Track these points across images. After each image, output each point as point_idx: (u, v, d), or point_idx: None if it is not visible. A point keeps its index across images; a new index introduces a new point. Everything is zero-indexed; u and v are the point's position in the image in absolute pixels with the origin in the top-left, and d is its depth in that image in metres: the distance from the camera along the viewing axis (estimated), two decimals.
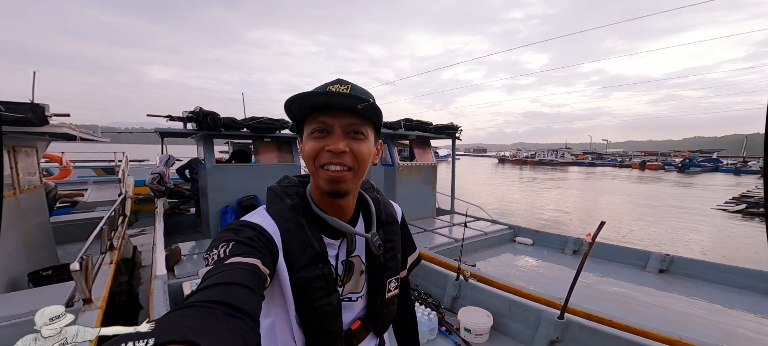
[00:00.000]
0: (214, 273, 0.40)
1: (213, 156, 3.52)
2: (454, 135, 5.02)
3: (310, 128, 0.54)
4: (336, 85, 0.52)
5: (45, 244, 2.97)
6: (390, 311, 0.66)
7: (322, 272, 0.55)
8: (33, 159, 3.02)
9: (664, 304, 2.53)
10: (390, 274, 0.64)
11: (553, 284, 2.85)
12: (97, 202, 5.22)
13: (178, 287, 2.16)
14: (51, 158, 8.18)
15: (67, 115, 2.26)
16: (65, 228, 3.77)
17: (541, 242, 3.99)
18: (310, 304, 0.54)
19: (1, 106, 1.80)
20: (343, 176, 0.53)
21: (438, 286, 2.49)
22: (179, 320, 0.31)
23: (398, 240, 0.69)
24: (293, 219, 0.56)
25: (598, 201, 12.62)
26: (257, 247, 0.47)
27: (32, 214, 2.78)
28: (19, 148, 2.62)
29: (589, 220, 9.15)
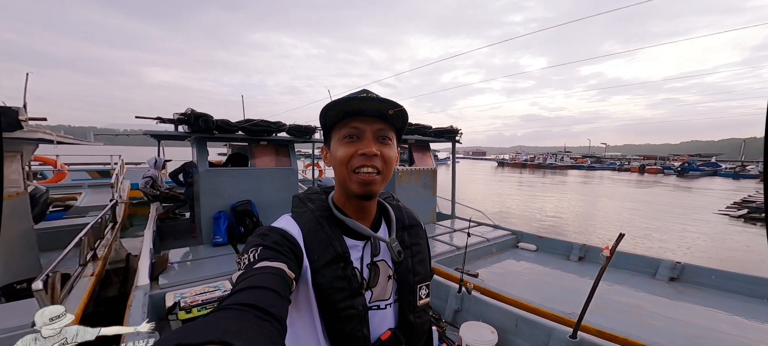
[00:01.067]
0: (245, 277, 0.43)
1: (206, 159, 3.39)
2: (455, 138, 4.93)
3: (341, 133, 0.56)
4: (363, 93, 0.56)
5: (27, 253, 2.81)
6: (424, 321, 0.63)
7: (344, 273, 0.55)
8: (17, 164, 2.89)
9: (677, 315, 2.41)
10: (420, 279, 0.63)
11: (561, 295, 2.72)
12: (90, 206, 5.06)
13: (160, 298, 2.01)
14: (45, 161, 8.06)
15: (44, 119, 2.14)
16: (54, 235, 3.61)
17: (545, 248, 3.87)
18: (332, 306, 0.54)
19: None
20: (374, 178, 0.55)
21: (439, 298, 2.35)
22: (217, 322, 0.33)
23: (424, 244, 0.68)
24: (314, 220, 0.58)
25: (599, 205, 12.52)
26: (283, 251, 0.50)
27: (13, 221, 2.64)
28: None
29: (591, 225, 9.05)
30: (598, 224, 9.22)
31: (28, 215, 3.00)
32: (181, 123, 3.15)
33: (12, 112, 1.84)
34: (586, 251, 3.60)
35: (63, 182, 7.52)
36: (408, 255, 0.63)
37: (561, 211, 11.10)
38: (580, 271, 3.30)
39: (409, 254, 0.63)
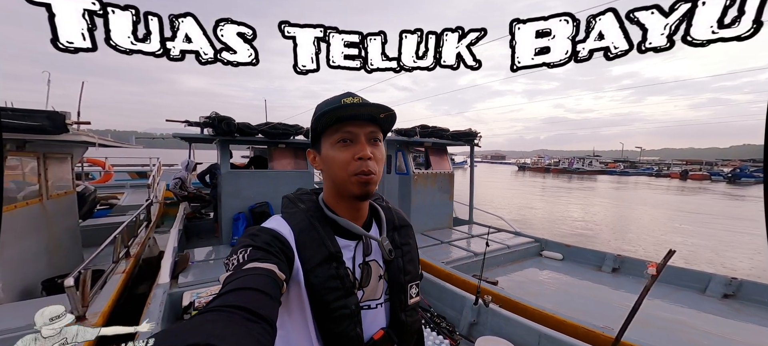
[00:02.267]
0: (234, 279, 0.42)
1: (228, 161, 3.54)
2: (473, 141, 4.76)
3: (333, 138, 0.57)
4: (349, 97, 0.57)
5: (71, 248, 3.07)
6: (415, 320, 0.64)
7: (337, 273, 0.55)
8: (67, 165, 3.17)
9: (732, 335, 2.12)
10: (410, 278, 0.64)
11: (591, 307, 2.50)
12: (131, 205, 5.47)
13: (178, 297, 2.09)
14: (95, 163, 8.85)
15: (88, 123, 2.33)
16: (99, 231, 3.89)
17: (573, 257, 3.60)
18: (325, 306, 0.53)
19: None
20: (371, 179, 0.56)
21: (453, 309, 2.23)
22: (202, 324, 0.32)
23: (414, 244, 0.69)
24: (306, 220, 0.58)
25: (633, 213, 11.54)
26: (273, 252, 0.49)
27: (59, 218, 2.88)
28: (51, 155, 2.74)
29: (623, 233, 8.34)
30: (634, 233, 8.47)
31: (75, 213, 3.28)
32: (206, 126, 3.32)
33: (60, 116, 2.02)
34: (622, 263, 3.30)
35: (109, 182, 8.23)
36: (398, 255, 0.63)
37: (589, 218, 10.35)
38: (614, 283, 3.03)
39: (399, 253, 0.64)
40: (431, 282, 2.45)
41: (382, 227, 0.64)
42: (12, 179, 2.28)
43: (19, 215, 2.24)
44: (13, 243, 2.15)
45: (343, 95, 0.58)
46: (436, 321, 2.09)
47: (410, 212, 4.17)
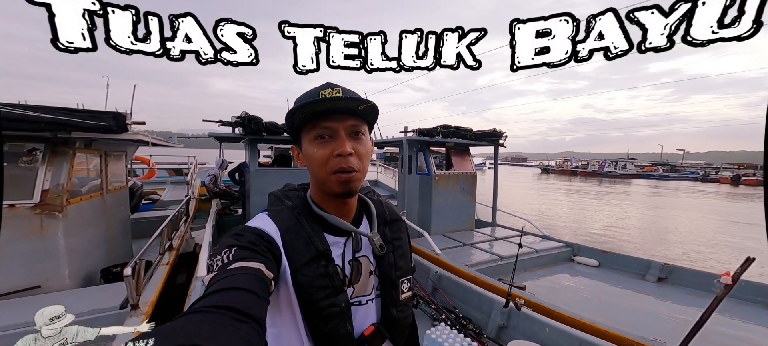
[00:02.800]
0: (219, 279, 0.41)
1: (256, 159, 3.74)
2: (498, 142, 4.64)
3: (312, 134, 0.55)
4: (327, 89, 0.54)
5: (123, 239, 3.36)
6: (406, 315, 0.63)
7: (327, 271, 0.54)
8: (122, 162, 3.50)
9: None
10: (401, 273, 0.62)
11: (634, 318, 2.31)
12: (171, 200, 5.91)
13: None
14: (141, 160, 9.66)
15: (143, 123, 2.57)
16: (143, 224, 4.24)
17: (611, 264, 3.37)
18: (314, 305, 0.52)
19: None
20: (353, 176, 0.54)
21: (480, 311, 2.20)
22: (186, 325, 0.31)
23: (405, 238, 0.67)
24: (293, 219, 0.56)
25: (672, 221, 10.57)
26: (259, 251, 0.47)
27: (115, 211, 3.19)
28: (110, 152, 3.05)
29: (660, 241, 7.68)
30: (678, 243, 7.78)
31: (127, 206, 3.60)
32: (237, 125, 3.53)
33: (122, 116, 2.24)
34: (670, 272, 3.03)
35: (153, 178, 8.96)
36: (390, 250, 0.62)
37: (620, 224, 9.64)
38: (660, 294, 2.80)
39: (390, 248, 0.62)
40: (456, 283, 2.43)
41: (372, 222, 0.62)
42: (79, 175, 2.54)
43: (84, 206, 2.49)
44: (79, 233, 2.38)
45: (322, 87, 0.55)
46: (462, 323, 2.06)
47: (431, 213, 4.15)
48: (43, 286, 2.06)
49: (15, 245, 1.95)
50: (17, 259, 1.97)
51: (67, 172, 2.19)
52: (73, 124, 1.97)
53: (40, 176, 2.07)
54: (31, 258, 2.02)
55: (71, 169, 2.24)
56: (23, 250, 1.99)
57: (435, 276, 2.58)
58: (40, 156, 2.11)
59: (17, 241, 1.96)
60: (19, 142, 2.08)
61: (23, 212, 1.98)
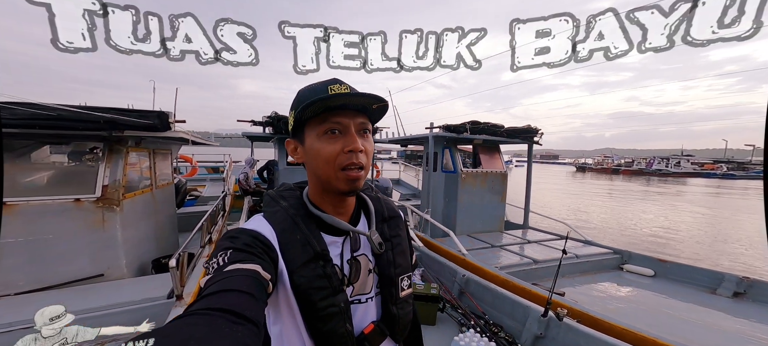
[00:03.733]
0: (215, 281, 0.40)
1: (285, 157, 3.87)
2: (532, 139, 4.34)
3: (321, 128, 0.53)
4: (336, 85, 0.53)
5: (171, 233, 3.65)
6: (406, 312, 0.62)
7: (325, 271, 0.53)
8: (168, 160, 3.82)
9: None
10: (401, 271, 0.62)
11: (705, 337, 2.01)
12: (211, 196, 6.28)
13: None
14: (185, 159, 10.57)
15: (183, 122, 2.76)
16: (187, 218, 4.54)
17: (671, 274, 2.98)
18: (312, 306, 0.52)
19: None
20: (360, 174, 0.54)
21: (513, 318, 2.05)
22: (182, 327, 0.31)
23: (404, 235, 0.67)
24: (289, 219, 0.56)
25: (739, 227, 9.15)
26: (256, 253, 0.47)
27: (163, 206, 3.46)
28: (158, 151, 3.33)
29: (723, 249, 6.67)
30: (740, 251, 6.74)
31: (173, 201, 3.90)
32: (268, 125, 3.68)
33: (165, 115, 2.43)
34: (749, 287, 2.61)
35: (195, 175, 9.77)
36: (388, 247, 0.61)
37: (674, 227, 8.55)
38: (738, 311, 2.41)
39: (389, 246, 0.61)
40: (485, 287, 2.30)
41: (370, 219, 0.62)
42: (132, 171, 2.81)
43: (137, 201, 2.74)
44: (134, 225, 2.61)
45: (330, 82, 0.54)
46: (493, 330, 1.94)
47: (456, 212, 4.01)
48: (106, 274, 2.26)
49: (81, 236, 2.19)
50: (84, 249, 2.20)
51: (122, 168, 2.43)
52: (125, 122, 2.15)
53: (100, 172, 2.31)
54: (95, 248, 2.24)
55: (126, 165, 2.47)
56: (89, 240, 2.21)
57: (462, 279, 2.47)
58: (100, 154, 2.35)
59: (83, 232, 2.19)
60: (82, 142, 2.33)
61: (87, 206, 2.22)
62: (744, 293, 2.61)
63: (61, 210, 2.14)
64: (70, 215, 2.16)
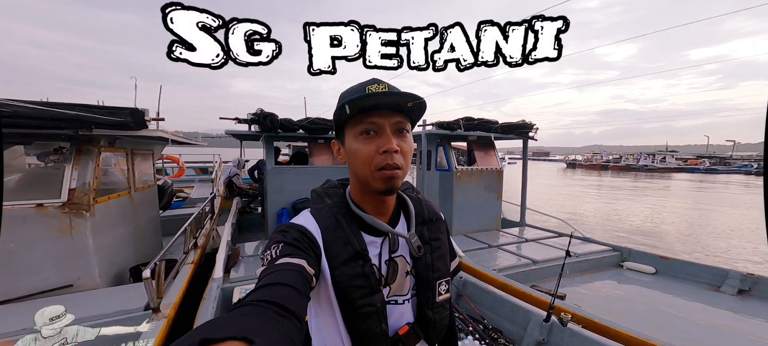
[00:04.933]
0: (267, 273, 0.44)
1: (273, 157, 3.70)
2: (527, 135, 4.29)
3: (357, 129, 0.54)
4: (374, 84, 0.54)
5: (153, 237, 3.44)
6: (442, 317, 0.62)
7: (363, 271, 0.55)
8: (149, 161, 3.59)
9: None
10: (439, 275, 0.62)
11: (712, 338, 1.95)
12: (199, 198, 6.09)
13: (229, 292, 2.15)
14: (171, 159, 10.20)
15: (162, 119, 2.57)
16: (174, 221, 4.31)
17: (673, 272, 2.92)
18: (351, 303, 0.54)
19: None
20: (397, 173, 0.54)
21: (513, 322, 1.96)
22: (238, 317, 0.34)
23: (445, 239, 0.67)
24: (332, 218, 0.58)
25: (723, 218, 9.41)
26: (303, 248, 0.50)
27: (144, 209, 3.25)
28: (136, 151, 3.12)
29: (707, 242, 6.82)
30: (724, 239, 6.89)
31: (156, 204, 3.67)
32: (253, 123, 3.49)
33: (140, 112, 2.24)
34: (754, 283, 2.55)
35: (183, 177, 9.42)
36: (427, 250, 0.61)
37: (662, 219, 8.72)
38: (743, 309, 2.35)
39: (428, 249, 0.62)
40: (483, 290, 2.21)
41: (410, 221, 0.62)
42: (106, 173, 2.61)
43: (112, 205, 2.55)
44: (108, 232, 2.43)
45: (369, 82, 0.55)
46: (493, 336, 1.85)
47: (452, 212, 3.93)
48: (76, 285, 2.09)
49: (46, 244, 2.00)
50: (50, 258, 2.01)
51: (93, 170, 2.23)
52: (91, 120, 1.97)
53: (67, 175, 2.11)
54: (63, 257, 2.05)
55: (97, 167, 2.28)
56: (54, 249, 2.03)
57: (459, 282, 2.37)
58: (66, 155, 2.16)
59: (48, 240, 2.00)
60: (47, 141, 2.13)
61: (52, 212, 2.03)
62: (749, 291, 2.56)
63: (23, 217, 1.95)
64: (32, 222, 1.97)
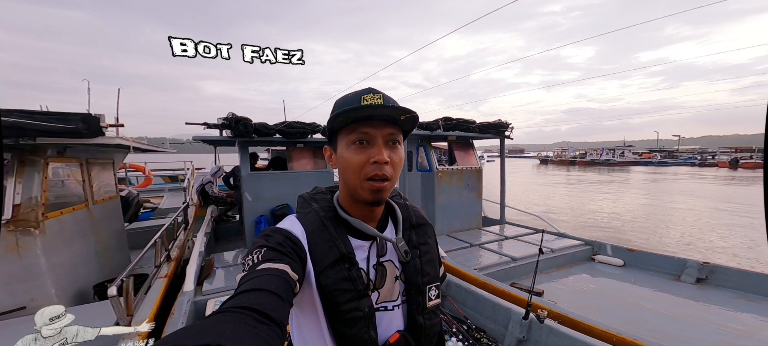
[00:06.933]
0: (248, 279, 0.43)
1: (248, 163, 3.53)
2: (504, 134, 4.47)
3: (350, 138, 0.55)
4: (369, 94, 0.54)
5: (119, 251, 3.17)
6: (434, 323, 0.61)
7: (349, 274, 0.54)
8: (109, 171, 3.28)
9: None
10: (428, 280, 0.62)
11: (671, 329, 2.04)
12: (170, 208, 5.69)
13: (202, 305, 2.05)
14: (135, 168, 9.39)
15: (122, 125, 2.35)
16: (142, 234, 4.04)
17: (639, 263, 3.10)
18: (337, 308, 0.53)
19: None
20: (385, 185, 0.54)
21: (495, 321, 1.99)
22: (215, 324, 0.33)
23: (433, 243, 0.67)
24: (319, 221, 0.57)
25: (683, 208, 10.47)
26: (286, 252, 0.49)
27: (106, 222, 2.98)
28: (93, 160, 2.83)
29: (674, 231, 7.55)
30: (687, 233, 7.66)
31: (120, 217, 3.38)
32: (224, 127, 3.31)
33: (94, 119, 2.03)
34: (711, 272, 2.71)
35: (150, 186, 8.71)
36: (416, 255, 0.61)
37: (625, 213, 9.52)
38: (701, 297, 2.51)
39: (417, 254, 0.62)
40: (466, 290, 2.26)
41: (398, 227, 0.62)
42: (57, 186, 2.34)
43: (66, 220, 2.32)
44: (63, 249, 2.21)
45: (364, 92, 0.55)
46: (476, 336, 1.89)
47: (434, 212, 3.99)
48: (29, 307, 1.92)
49: None
50: None
51: (41, 183, 2.00)
52: (34, 127, 1.76)
53: (9, 190, 1.88)
54: (12, 278, 1.88)
55: (45, 180, 2.05)
56: (1, 270, 1.83)
57: (443, 283, 2.39)
58: (8, 167, 1.92)
59: None
60: None
61: None
62: (706, 279, 2.73)
63: None
64: None
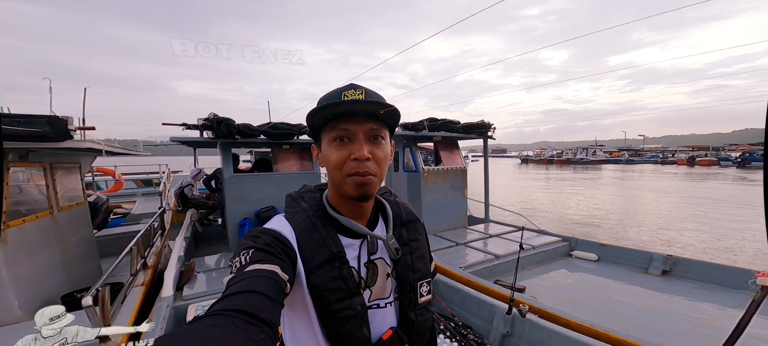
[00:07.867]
0: (236, 281, 0.42)
1: (231, 165, 3.42)
2: (487, 134, 4.62)
3: (330, 136, 0.54)
4: (350, 90, 0.53)
5: (88, 260, 2.96)
6: (426, 319, 0.62)
7: (340, 273, 0.54)
8: (76, 175, 3.05)
9: None
10: (420, 276, 0.62)
11: (640, 319, 2.18)
12: (144, 213, 5.38)
13: (182, 311, 1.99)
14: (105, 172, 8.77)
15: (92, 128, 2.21)
16: (113, 241, 3.81)
17: (611, 257, 3.29)
18: (328, 307, 0.52)
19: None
20: (369, 180, 0.53)
21: (481, 317, 2.06)
22: (203, 328, 0.32)
23: (423, 240, 0.67)
24: (308, 220, 0.57)
25: (650, 203, 11.31)
26: (275, 253, 0.48)
27: (72, 230, 2.78)
28: (58, 165, 2.63)
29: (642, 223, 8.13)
30: (655, 225, 8.26)
31: (89, 224, 3.16)
32: (205, 129, 3.18)
33: (61, 121, 1.89)
34: (674, 265, 2.86)
35: (121, 190, 8.15)
36: (406, 252, 0.61)
37: (604, 207, 10.15)
38: (665, 288, 2.68)
39: (407, 250, 0.62)
40: (453, 288, 2.32)
41: (388, 224, 0.62)
42: (17, 192, 2.18)
43: (28, 229, 2.16)
44: (25, 259, 2.08)
45: (345, 87, 0.54)
46: (463, 332, 1.95)
47: (421, 212, 4.04)
48: None
49: None
50: None
51: (1, 190, 1.84)
52: None
53: None
54: None
55: (7, 186, 1.89)
56: None
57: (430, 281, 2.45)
58: None
59: None
60: None
61: None
62: (670, 271, 2.88)
63: None
64: None
